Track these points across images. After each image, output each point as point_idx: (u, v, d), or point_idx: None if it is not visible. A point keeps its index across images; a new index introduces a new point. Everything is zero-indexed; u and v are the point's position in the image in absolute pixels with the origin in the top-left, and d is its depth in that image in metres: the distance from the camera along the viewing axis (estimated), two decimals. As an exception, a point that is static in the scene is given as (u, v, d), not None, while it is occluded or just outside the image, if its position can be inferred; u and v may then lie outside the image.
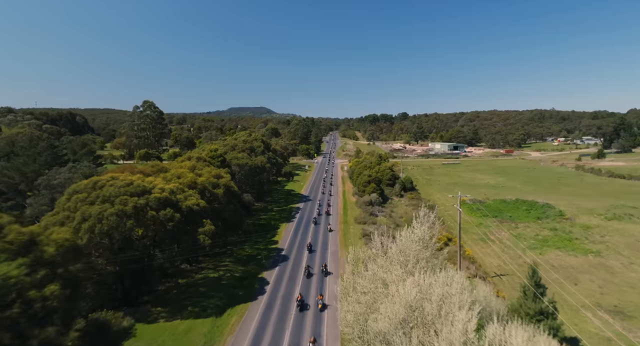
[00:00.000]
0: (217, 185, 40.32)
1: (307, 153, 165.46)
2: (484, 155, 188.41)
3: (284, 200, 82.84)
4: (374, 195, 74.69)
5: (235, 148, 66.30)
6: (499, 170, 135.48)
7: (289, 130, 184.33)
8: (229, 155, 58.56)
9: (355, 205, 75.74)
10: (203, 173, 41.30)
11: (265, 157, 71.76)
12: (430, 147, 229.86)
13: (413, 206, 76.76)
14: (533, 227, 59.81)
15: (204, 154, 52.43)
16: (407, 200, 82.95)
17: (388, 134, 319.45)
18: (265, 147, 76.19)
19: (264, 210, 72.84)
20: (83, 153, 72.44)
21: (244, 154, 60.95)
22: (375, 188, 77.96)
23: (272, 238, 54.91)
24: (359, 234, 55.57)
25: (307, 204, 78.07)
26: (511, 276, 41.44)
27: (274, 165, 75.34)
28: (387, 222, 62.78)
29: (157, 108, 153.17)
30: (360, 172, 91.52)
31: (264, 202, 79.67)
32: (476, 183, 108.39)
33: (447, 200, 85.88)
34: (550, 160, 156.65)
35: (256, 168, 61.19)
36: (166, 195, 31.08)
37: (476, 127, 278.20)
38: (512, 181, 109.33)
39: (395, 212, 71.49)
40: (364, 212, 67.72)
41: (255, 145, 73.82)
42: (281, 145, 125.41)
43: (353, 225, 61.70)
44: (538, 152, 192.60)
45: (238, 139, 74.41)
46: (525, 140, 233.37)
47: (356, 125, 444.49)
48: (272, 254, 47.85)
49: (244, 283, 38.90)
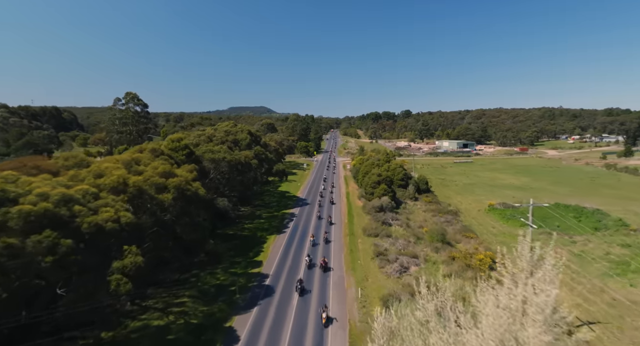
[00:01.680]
0: (164, 188, 26.78)
1: (305, 151, 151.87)
2: (496, 153, 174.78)
3: (276, 204, 69.32)
4: (385, 199, 61.13)
5: (213, 139, 52.76)
6: (518, 169, 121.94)
7: (287, 126, 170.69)
8: (201, 148, 45.12)
9: (362, 211, 62.22)
10: (146, 170, 27.76)
11: (252, 152, 58.50)
12: (438, 144, 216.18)
13: (432, 212, 63.32)
14: (595, 241, 46.23)
15: (163, 145, 39.09)
16: (424, 204, 69.45)
17: (391, 132, 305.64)
18: (253, 139, 62.89)
19: (251, 217, 59.33)
20: (19, 145, 59.20)
21: (223, 147, 47.56)
22: (386, 190, 64.44)
23: (255, 257, 41.35)
24: (370, 252, 42.07)
25: (304, 209, 64.53)
26: (605, 326, 27.81)
27: (262, 161, 62.05)
28: (404, 234, 49.31)
29: (141, 100, 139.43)
30: (366, 170, 77.97)
31: (251, 207, 66.15)
32: (498, 183, 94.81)
33: (470, 204, 72.36)
34: (572, 159, 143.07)
35: (238, 164, 47.88)
36: (47, 206, 17.58)
37: (484, 124, 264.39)
38: (539, 181, 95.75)
39: (412, 220, 57.98)
40: (374, 220, 54.20)
41: (240, 137, 60.32)
42: (276, 141, 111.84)
43: (361, 237, 48.21)
44: (555, 150, 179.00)
45: (218, 129, 60.86)
46: (538, 138, 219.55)
47: (357, 123, 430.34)
48: (252, 284, 34.32)
49: (202, 339, 25.39)
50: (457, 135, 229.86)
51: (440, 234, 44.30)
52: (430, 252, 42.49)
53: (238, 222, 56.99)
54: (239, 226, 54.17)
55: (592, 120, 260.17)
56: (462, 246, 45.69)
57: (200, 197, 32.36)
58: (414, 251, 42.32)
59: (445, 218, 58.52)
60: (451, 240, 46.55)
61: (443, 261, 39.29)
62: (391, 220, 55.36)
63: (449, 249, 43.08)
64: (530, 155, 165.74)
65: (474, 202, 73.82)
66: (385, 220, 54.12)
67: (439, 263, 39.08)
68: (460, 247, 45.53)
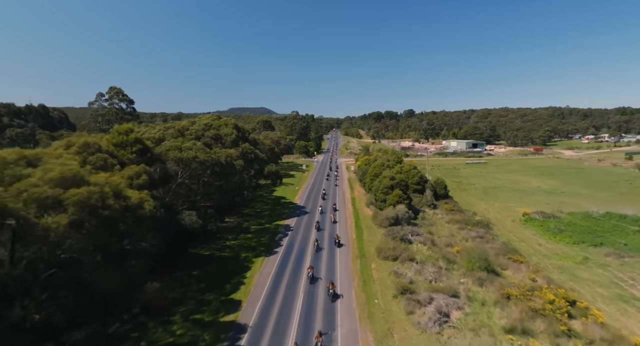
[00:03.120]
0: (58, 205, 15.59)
1: (305, 151, 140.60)
2: (510, 154, 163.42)
3: (269, 212, 58.08)
4: (401, 208, 49.87)
5: (185, 134, 41.53)
6: (540, 170, 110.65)
7: (285, 125, 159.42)
8: (165, 144, 33.91)
9: (372, 222, 51.02)
10: (33, 175, 16.62)
11: (238, 150, 47.36)
12: (445, 144, 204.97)
13: (458, 223, 52.04)
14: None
15: (105, 139, 27.95)
16: (445, 213, 58.16)
17: (394, 132, 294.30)
18: (240, 136, 51.58)
19: (236, 231, 48.09)
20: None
21: (197, 144, 36.28)
22: (401, 196, 53.18)
23: (232, 294, 30.08)
24: (391, 284, 30.85)
25: (302, 220, 53.30)
26: None
27: (251, 162, 50.85)
28: (430, 256, 38.08)
29: (126, 96, 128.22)
30: (375, 172, 66.76)
31: (238, 217, 54.92)
32: (523, 187, 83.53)
33: (500, 213, 61.07)
34: (595, 159, 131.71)
35: (216, 166, 36.67)
36: None
37: (492, 123, 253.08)
38: (568, 185, 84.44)
39: (435, 234, 46.71)
40: (390, 236, 42.90)
41: (223, 132, 48.96)
42: (272, 139, 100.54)
43: (375, 260, 36.98)
44: (571, 150, 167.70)
45: (197, 122, 49.54)
46: (551, 137, 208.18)
47: (359, 122, 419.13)
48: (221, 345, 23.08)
49: None
50: (465, 135, 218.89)
51: (483, 259, 32.99)
52: (472, 285, 31.23)
53: (219, 237, 45.82)
54: (218, 243, 42.92)
55: (605, 120, 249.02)
56: (510, 274, 34.41)
57: (141, 214, 21.15)
58: (449, 284, 31.05)
59: (476, 233, 47.21)
60: (495, 266, 35.23)
61: (495, 302, 27.99)
62: (410, 235, 44.08)
63: (497, 280, 31.80)
64: (547, 155, 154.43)
65: (503, 210, 62.53)
66: (404, 236, 42.82)
67: (490, 305, 27.78)
68: (509, 275, 34.25)
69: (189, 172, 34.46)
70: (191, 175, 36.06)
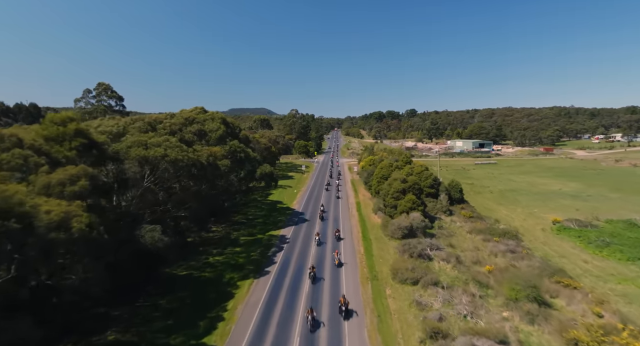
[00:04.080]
0: None
1: (305, 151, 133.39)
2: (519, 154, 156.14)
3: (262, 220, 50.89)
4: (415, 216, 42.59)
5: (158, 128, 34.20)
6: (556, 172, 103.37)
7: (284, 123, 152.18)
8: (127, 140, 26.66)
9: (382, 233, 43.82)
10: None
11: (226, 149, 40.18)
12: (450, 144, 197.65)
13: (481, 234, 44.77)
14: None
15: (33, 132, 20.92)
16: (464, 221, 50.94)
17: (397, 132, 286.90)
18: (228, 132, 44.25)
19: (222, 243, 40.90)
20: None
21: (170, 140, 28.95)
22: (414, 202, 45.93)
23: (207, 335, 22.84)
24: (414, 322, 23.62)
25: (300, 229, 46.09)
26: None
27: (241, 162, 43.56)
28: (457, 277, 30.88)
29: (115, 93, 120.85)
30: (383, 174, 59.60)
31: (227, 226, 47.73)
32: (542, 190, 76.28)
33: (525, 220, 53.82)
34: (612, 160, 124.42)
35: (192, 167, 29.50)
36: None
37: (497, 123, 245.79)
38: (592, 187, 77.15)
39: (457, 247, 39.49)
40: (406, 251, 35.64)
41: (208, 127, 41.58)
42: (269, 138, 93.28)
43: (391, 284, 29.77)
44: (583, 151, 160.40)
45: (176, 116, 42.14)
46: (560, 137, 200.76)
47: (360, 122, 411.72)
48: None
49: None
50: (470, 135, 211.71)
51: (530, 286, 25.68)
52: (520, 322, 23.98)
53: (202, 251, 38.65)
54: (199, 260, 35.74)
55: (614, 119, 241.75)
56: (564, 305, 27.08)
57: (58, 238, 14.03)
58: (491, 321, 23.81)
59: (505, 245, 39.90)
60: (542, 292, 27.93)
61: (559, 351, 20.77)
62: (430, 249, 36.84)
63: (551, 314, 24.53)
64: (558, 155, 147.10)
65: (528, 217, 55.28)
66: (423, 251, 35.56)
67: (552, 355, 20.56)
68: (562, 305, 26.94)
69: (157, 175, 27.36)
70: (163, 179, 28.94)
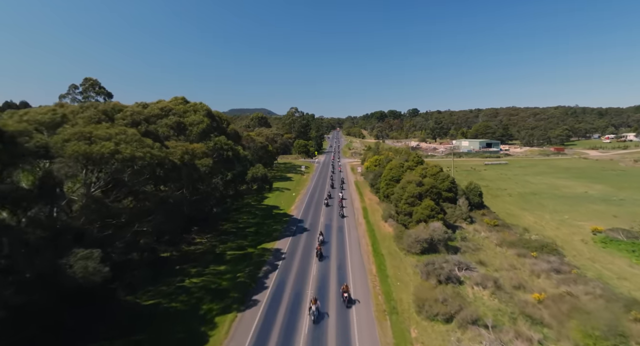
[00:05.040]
0: None
1: (305, 151, 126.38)
2: (530, 154, 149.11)
3: (254, 229, 43.87)
4: (437, 226, 35.50)
5: (116, 118, 26.97)
6: (573, 173, 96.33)
7: (283, 122, 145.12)
8: (65, 131, 19.41)
9: (396, 245, 36.81)
10: None
11: (210, 146, 33.26)
12: (456, 144, 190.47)
13: (513, 247, 37.69)
14: None
15: None
16: (487, 229, 43.92)
17: (399, 132, 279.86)
18: (214, 126, 37.27)
19: (204, 259, 33.89)
20: None
21: (129, 133, 21.78)
22: (433, 208, 38.90)
23: None
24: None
25: (299, 240, 39.06)
26: None
27: (228, 162, 36.50)
28: (500, 310, 23.86)
29: (103, 89, 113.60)
30: (392, 176, 52.67)
31: (213, 236, 40.71)
32: (566, 193, 69.26)
33: (558, 229, 46.81)
34: (630, 160, 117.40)
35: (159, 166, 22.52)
36: None
37: (503, 122, 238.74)
38: (621, 190, 70.09)
39: (490, 265, 32.43)
40: (429, 272, 28.56)
41: (189, 120, 34.51)
42: (266, 136, 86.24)
43: (416, 322, 22.75)
44: (595, 150, 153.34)
45: (151, 107, 34.94)
46: (569, 137, 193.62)
47: (361, 122, 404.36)
48: None
49: None
50: (475, 134, 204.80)
51: (618, 334, 18.67)
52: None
53: (179, 270, 31.69)
54: (172, 283, 28.71)
55: (624, 118, 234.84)
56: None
57: None
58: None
59: (547, 263, 32.73)
60: (619, 335, 20.90)
61: None
62: (457, 268, 29.85)
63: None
64: (571, 155, 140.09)
65: (560, 225, 48.28)
66: (451, 273, 28.51)
67: None
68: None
69: (108, 177, 20.44)
70: (117, 182, 21.98)
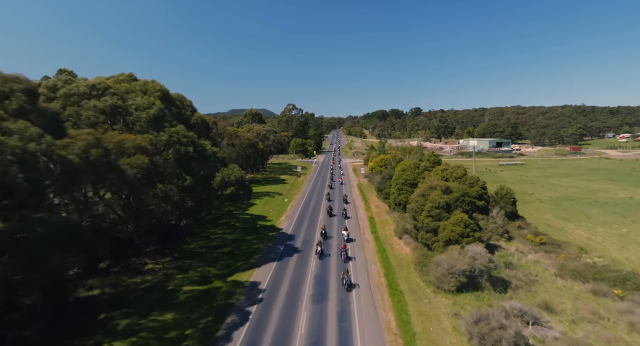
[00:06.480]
0: None
1: (302, 150, 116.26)
2: (545, 154, 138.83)
3: (229, 249, 33.65)
4: (477, 250, 25.25)
5: None
6: (603, 174, 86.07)
7: (280, 119, 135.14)
8: None
9: (419, 276, 26.58)
10: None
11: (162, 138, 23.41)
12: (463, 143, 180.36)
13: (578, 278, 27.29)
14: None
15: None
16: (532, 249, 33.68)
17: (402, 131, 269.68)
18: (173, 112, 27.05)
19: (145, 302, 23.67)
20: None
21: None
22: (467, 224, 28.70)
23: None
24: None
25: (285, 269, 28.82)
26: None
27: (187, 162, 26.47)
28: None
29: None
30: (406, 179, 42.47)
31: (173, 260, 30.50)
32: (608, 199, 58.98)
33: (624, 248, 36.49)
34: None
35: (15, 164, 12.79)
36: None
37: (511, 121, 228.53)
38: (669, 195, 59.82)
39: (561, 311, 22.17)
40: (482, 336, 18.37)
41: (134, 103, 24.14)
42: (257, 132, 76.10)
43: None
44: (614, 150, 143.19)
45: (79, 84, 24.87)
46: (583, 136, 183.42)
47: (362, 122, 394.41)
48: None
49: None
50: (483, 133, 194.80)
51: None
52: None
53: (101, 321, 21.54)
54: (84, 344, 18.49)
55: (637, 116, 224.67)
56: None
57: None
58: None
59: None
60: None
61: None
62: (520, 321, 19.59)
63: None
64: (590, 155, 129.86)
65: (623, 241, 37.96)
66: (517, 334, 18.24)
67: None
68: None
69: None
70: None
